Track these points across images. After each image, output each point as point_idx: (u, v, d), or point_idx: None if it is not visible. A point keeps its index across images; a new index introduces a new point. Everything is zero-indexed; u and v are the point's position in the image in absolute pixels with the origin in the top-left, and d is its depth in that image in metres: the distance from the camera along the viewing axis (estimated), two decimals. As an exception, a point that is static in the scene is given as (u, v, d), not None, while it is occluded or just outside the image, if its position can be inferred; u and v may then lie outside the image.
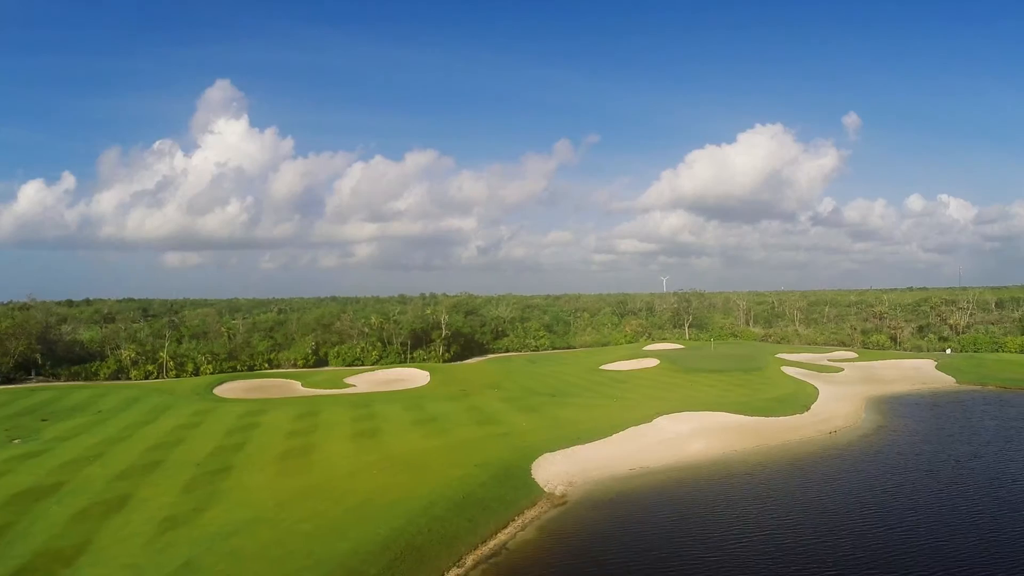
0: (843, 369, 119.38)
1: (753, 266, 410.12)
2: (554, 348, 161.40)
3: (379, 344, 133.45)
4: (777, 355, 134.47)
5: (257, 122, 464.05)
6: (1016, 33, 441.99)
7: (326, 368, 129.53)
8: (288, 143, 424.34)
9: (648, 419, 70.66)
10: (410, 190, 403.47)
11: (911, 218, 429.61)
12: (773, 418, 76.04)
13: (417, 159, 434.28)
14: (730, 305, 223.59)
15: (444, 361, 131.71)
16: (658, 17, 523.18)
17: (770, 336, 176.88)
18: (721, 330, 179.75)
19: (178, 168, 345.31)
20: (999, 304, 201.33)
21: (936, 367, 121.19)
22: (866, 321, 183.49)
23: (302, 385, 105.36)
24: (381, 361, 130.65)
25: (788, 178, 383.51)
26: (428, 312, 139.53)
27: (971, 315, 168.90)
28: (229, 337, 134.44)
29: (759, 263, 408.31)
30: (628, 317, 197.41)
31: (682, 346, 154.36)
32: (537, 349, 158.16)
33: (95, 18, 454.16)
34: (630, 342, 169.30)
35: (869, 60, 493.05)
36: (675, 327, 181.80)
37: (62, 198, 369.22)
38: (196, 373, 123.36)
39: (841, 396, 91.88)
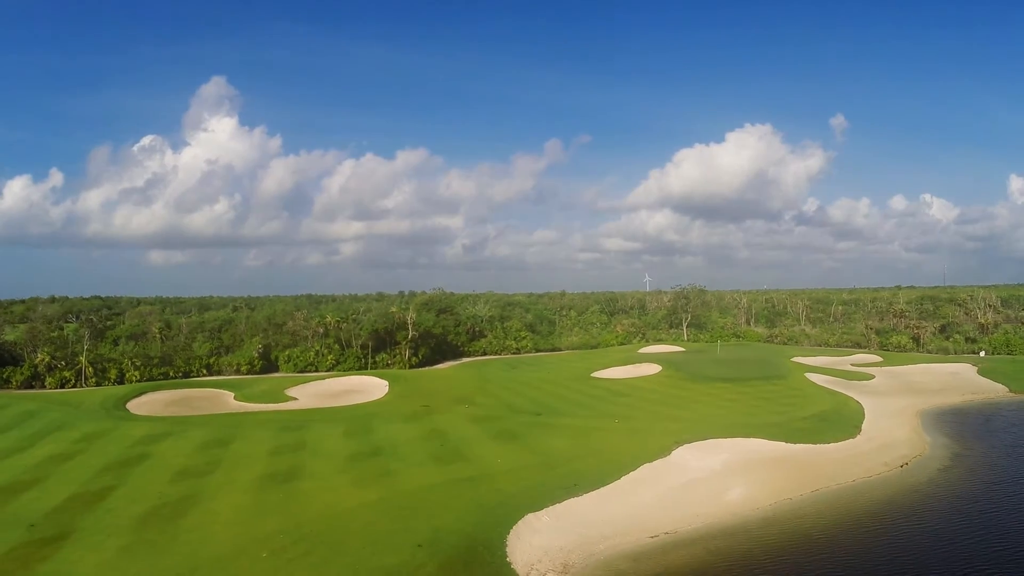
0: (874, 376, 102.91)
1: (737, 265, 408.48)
2: (537, 350, 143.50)
3: (336, 347, 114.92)
4: (794, 359, 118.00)
5: (249, 120, 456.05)
6: (998, 38, 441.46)
7: (273, 375, 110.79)
8: (279, 140, 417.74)
9: (665, 451, 53.12)
10: (399, 188, 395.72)
11: (894, 218, 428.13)
12: (823, 445, 59.07)
13: (408, 158, 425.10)
14: (725, 303, 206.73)
15: (410, 367, 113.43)
16: (653, 18, 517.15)
17: (776, 337, 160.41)
18: (722, 330, 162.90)
19: (168, 165, 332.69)
20: (1005, 303, 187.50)
21: (979, 372, 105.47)
22: (881, 320, 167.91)
23: (235, 398, 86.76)
24: (338, 367, 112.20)
25: (774, 178, 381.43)
26: (393, 311, 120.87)
27: (996, 312, 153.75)
28: (162, 339, 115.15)
29: (743, 262, 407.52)
30: (619, 316, 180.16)
31: (682, 348, 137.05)
32: (519, 351, 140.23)
33: (89, 15, 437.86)
34: (622, 343, 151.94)
35: (857, 63, 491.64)
36: (671, 327, 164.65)
37: (48, 195, 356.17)
38: (120, 381, 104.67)
39: (889, 412, 75.33)
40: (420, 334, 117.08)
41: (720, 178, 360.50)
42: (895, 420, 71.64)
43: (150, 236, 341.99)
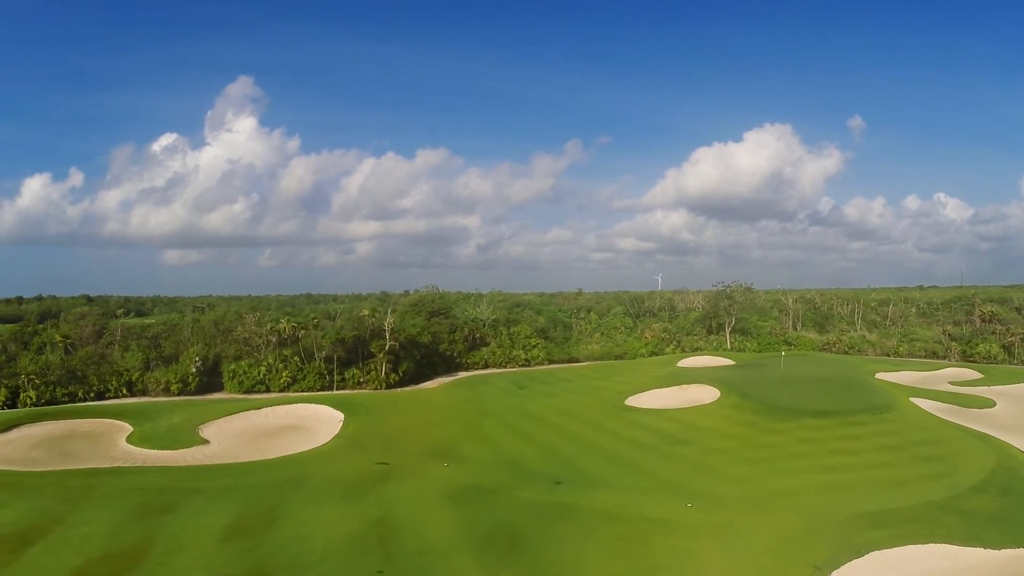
0: (994, 402, 77.06)
1: (749, 264, 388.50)
2: (551, 361, 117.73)
3: (296, 360, 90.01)
4: (878, 375, 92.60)
5: (271, 119, 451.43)
6: (1012, 37, 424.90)
7: (211, 397, 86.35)
8: (299, 140, 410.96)
9: (806, 594, 27.83)
10: (417, 188, 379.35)
11: (908, 218, 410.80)
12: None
13: (428, 157, 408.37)
14: (760, 303, 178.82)
15: (388, 385, 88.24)
16: (675, 19, 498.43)
17: (833, 345, 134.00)
18: (770, 336, 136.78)
19: (189, 165, 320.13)
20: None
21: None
22: (957, 325, 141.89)
23: (128, 438, 61.92)
24: (294, 385, 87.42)
25: (791, 178, 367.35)
26: (365, 313, 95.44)
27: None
28: (66, 349, 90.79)
29: (756, 262, 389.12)
30: (645, 319, 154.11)
31: (731, 361, 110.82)
32: (528, 363, 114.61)
33: (112, 16, 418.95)
34: (653, 353, 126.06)
35: (875, 63, 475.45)
36: (709, 332, 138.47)
37: (67, 194, 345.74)
38: (12, 404, 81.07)
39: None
40: (402, 343, 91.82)
41: (738, 178, 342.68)
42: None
43: (167, 236, 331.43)
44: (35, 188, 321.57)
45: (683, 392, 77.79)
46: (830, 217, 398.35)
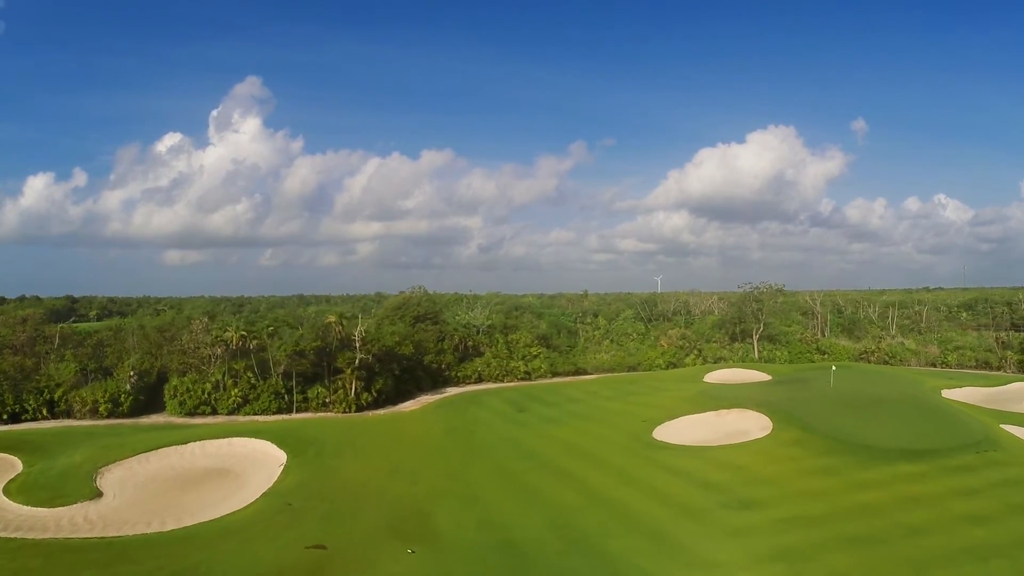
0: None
1: (749, 266, 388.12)
2: (554, 374, 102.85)
3: (249, 376, 75.06)
4: (944, 393, 78.10)
5: (276, 120, 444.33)
6: (1012, 37, 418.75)
7: (145, 420, 71.75)
8: (303, 141, 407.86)
9: None
10: (421, 188, 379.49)
11: (908, 219, 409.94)
12: None
13: (432, 158, 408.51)
14: (776, 305, 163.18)
15: (359, 407, 73.29)
16: (680, 21, 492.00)
17: (871, 354, 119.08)
18: (800, 344, 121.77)
19: (194, 165, 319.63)
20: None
21: None
22: (1005, 330, 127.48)
23: (4, 486, 47.01)
24: (245, 406, 72.68)
25: (793, 179, 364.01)
26: (331, 320, 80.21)
27: None
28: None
29: (756, 263, 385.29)
30: (659, 324, 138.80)
31: (766, 375, 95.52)
32: (528, 375, 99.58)
33: (121, 15, 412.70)
34: (671, 364, 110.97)
35: (876, 64, 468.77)
36: (732, 339, 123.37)
37: (70, 194, 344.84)
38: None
39: None
40: (377, 355, 76.77)
41: (740, 179, 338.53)
42: None
43: (169, 236, 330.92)
44: (38, 188, 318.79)
45: (722, 420, 62.59)
46: (831, 219, 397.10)
